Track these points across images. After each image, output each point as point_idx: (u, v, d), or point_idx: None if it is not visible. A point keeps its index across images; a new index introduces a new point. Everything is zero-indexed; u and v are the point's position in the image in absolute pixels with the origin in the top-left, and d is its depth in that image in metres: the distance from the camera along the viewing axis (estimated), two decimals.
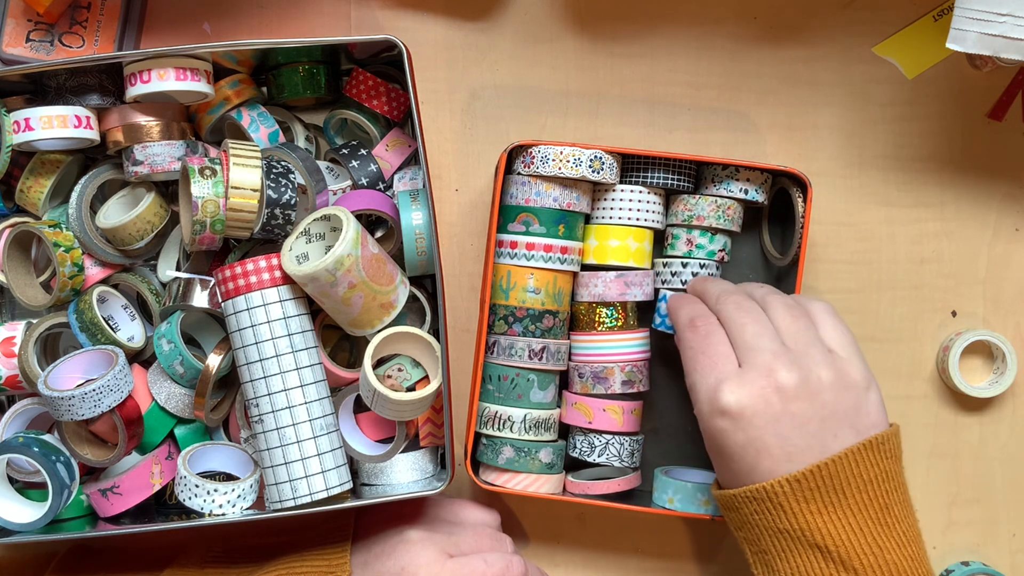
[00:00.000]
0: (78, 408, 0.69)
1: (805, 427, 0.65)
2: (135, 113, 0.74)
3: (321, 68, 0.79)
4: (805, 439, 0.65)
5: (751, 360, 0.67)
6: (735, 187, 0.78)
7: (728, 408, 0.66)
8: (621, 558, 0.85)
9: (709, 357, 0.68)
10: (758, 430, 0.65)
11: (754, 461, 0.66)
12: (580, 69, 0.84)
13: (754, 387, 0.66)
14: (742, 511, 0.68)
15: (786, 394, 0.65)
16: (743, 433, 0.66)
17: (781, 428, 0.65)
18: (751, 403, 0.65)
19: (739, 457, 0.66)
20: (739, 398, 0.66)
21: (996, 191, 0.85)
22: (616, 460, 0.78)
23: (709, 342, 0.69)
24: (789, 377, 0.65)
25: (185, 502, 0.73)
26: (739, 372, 0.67)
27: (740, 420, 0.66)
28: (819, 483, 0.64)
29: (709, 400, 0.67)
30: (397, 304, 0.73)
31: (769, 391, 0.65)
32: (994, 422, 0.85)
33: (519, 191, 0.77)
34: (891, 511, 0.65)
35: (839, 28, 0.84)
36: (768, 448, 0.65)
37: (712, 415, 0.67)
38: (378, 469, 0.77)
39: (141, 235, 0.75)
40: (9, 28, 0.79)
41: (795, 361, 0.66)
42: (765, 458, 0.65)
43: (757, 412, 0.65)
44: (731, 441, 0.66)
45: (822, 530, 0.65)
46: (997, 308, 0.85)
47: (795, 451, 0.65)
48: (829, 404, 0.66)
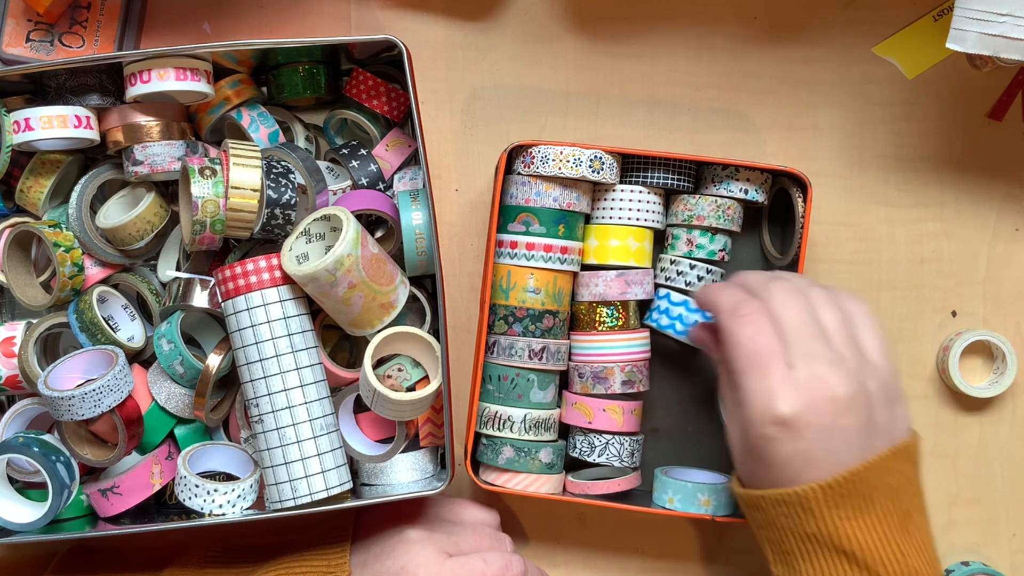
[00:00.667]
0: (78, 408, 0.69)
1: (851, 442, 0.65)
2: (135, 113, 0.74)
3: (321, 68, 0.79)
4: (849, 453, 0.64)
5: (805, 365, 0.65)
6: (735, 187, 0.78)
7: (783, 418, 0.64)
8: (621, 558, 0.85)
9: (761, 357, 0.66)
10: (808, 442, 0.64)
11: (798, 472, 0.65)
12: (580, 69, 0.84)
13: (809, 397, 0.64)
14: (768, 512, 0.67)
15: (839, 406, 0.64)
16: (792, 444, 0.65)
17: (831, 442, 0.64)
18: (805, 414, 0.64)
19: (782, 465, 0.65)
20: (795, 409, 0.64)
21: (996, 191, 0.85)
22: (616, 460, 0.78)
23: (759, 340, 0.66)
24: (844, 389, 0.64)
25: (185, 502, 0.73)
26: (794, 379, 0.65)
27: (792, 431, 0.64)
28: (851, 489, 0.64)
29: (763, 407, 0.65)
30: (397, 304, 0.73)
31: (824, 403, 0.64)
32: (994, 422, 0.85)
33: (519, 191, 0.77)
34: (912, 518, 0.66)
35: (839, 28, 0.84)
36: (816, 461, 0.64)
37: (763, 423, 0.65)
38: (378, 469, 0.77)
39: (141, 235, 0.75)
40: (9, 28, 0.79)
41: (849, 371, 0.65)
42: (811, 469, 0.64)
43: (810, 424, 0.64)
44: (778, 450, 0.65)
45: (849, 536, 0.64)
46: (997, 308, 0.85)
47: (839, 465, 0.64)
48: (873, 417, 0.66)
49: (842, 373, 0.65)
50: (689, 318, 0.78)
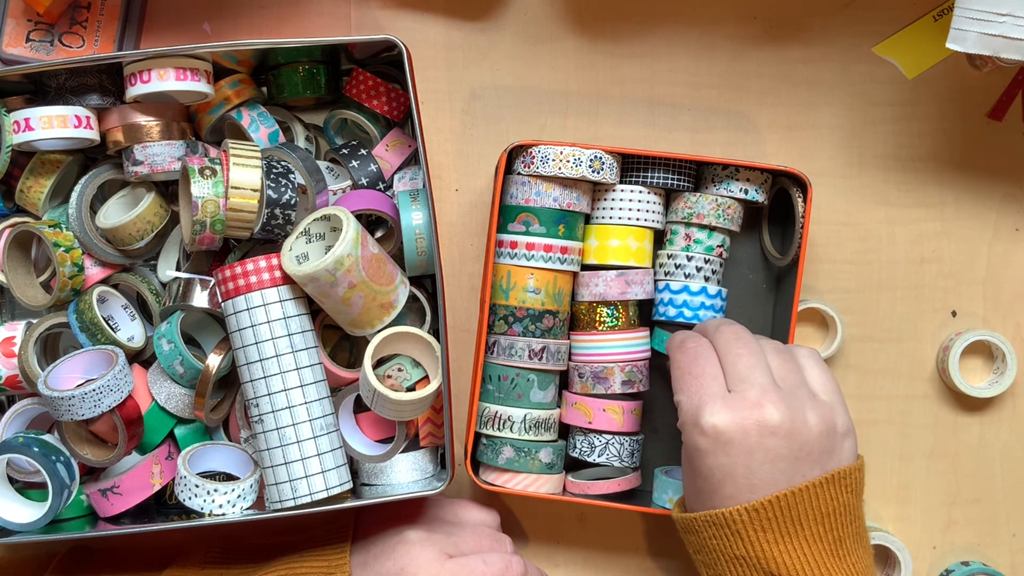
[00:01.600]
0: (78, 408, 0.69)
1: (776, 464, 0.66)
2: (135, 113, 0.74)
3: (321, 68, 0.79)
4: (772, 475, 0.66)
5: (742, 390, 0.67)
6: (735, 187, 0.78)
7: (707, 428, 0.66)
8: (621, 558, 0.85)
9: (696, 377, 0.69)
10: (729, 457, 0.66)
11: (718, 485, 0.66)
12: (580, 69, 0.84)
13: (737, 415, 0.66)
14: (701, 535, 0.68)
15: (766, 429, 0.66)
16: (713, 457, 0.66)
17: (752, 460, 0.66)
18: (729, 430, 0.66)
19: (705, 477, 0.67)
20: (719, 421, 0.66)
21: (996, 191, 0.85)
22: (616, 460, 0.78)
23: (698, 363, 0.70)
24: (775, 414, 0.66)
25: (185, 502, 0.73)
26: (726, 396, 0.67)
27: (716, 443, 0.66)
28: (778, 513, 0.65)
29: (692, 416, 0.67)
30: (397, 304, 0.73)
31: (751, 423, 0.66)
32: (994, 422, 0.85)
33: (519, 191, 0.77)
34: (844, 544, 0.66)
35: (839, 28, 0.84)
36: (734, 476, 0.66)
37: (692, 431, 0.67)
38: (378, 469, 0.77)
39: (141, 235, 0.75)
40: (9, 28, 0.79)
41: (784, 400, 0.67)
42: (729, 484, 0.66)
43: (733, 440, 0.66)
44: (703, 462, 0.67)
45: (777, 559, 0.65)
46: (997, 308, 0.85)
47: (760, 483, 0.66)
48: (806, 446, 0.66)
49: (776, 399, 0.66)
50: (694, 301, 0.78)
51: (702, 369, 0.69)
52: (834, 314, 0.82)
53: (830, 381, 0.71)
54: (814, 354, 0.72)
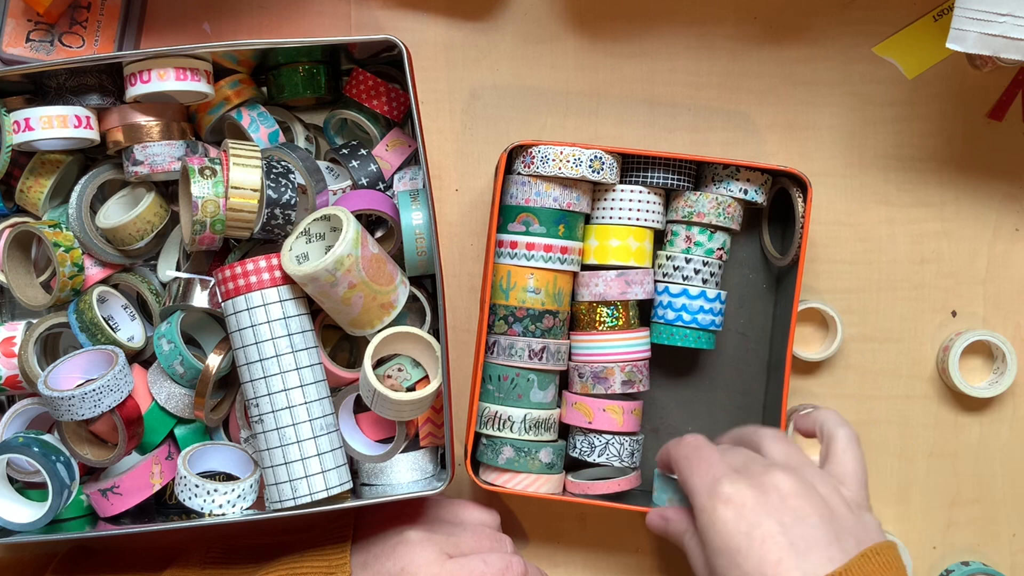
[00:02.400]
0: (78, 408, 0.69)
1: (808, 520, 0.64)
2: (135, 113, 0.74)
3: (321, 68, 0.79)
4: (808, 531, 0.63)
5: (749, 465, 0.68)
6: (735, 187, 0.78)
7: (730, 496, 0.65)
8: (621, 558, 0.85)
9: (704, 460, 0.69)
10: (759, 516, 0.64)
11: (760, 552, 0.63)
12: (580, 69, 0.84)
13: (752, 481, 0.66)
14: None
15: (782, 492, 0.65)
16: (745, 522, 0.64)
17: (784, 518, 0.64)
18: (751, 493, 0.65)
19: (745, 549, 0.64)
20: (739, 488, 0.65)
21: (996, 191, 0.85)
22: (616, 460, 0.78)
23: (702, 450, 0.70)
24: (785, 478, 0.66)
25: (185, 502, 0.73)
26: (737, 471, 0.68)
27: (742, 508, 0.65)
28: None
29: (708, 493, 0.66)
30: (397, 304, 0.73)
31: (768, 487, 0.65)
32: (994, 422, 0.85)
33: (519, 191, 0.77)
34: None
35: (839, 28, 0.84)
36: (771, 535, 0.63)
37: (715, 506, 0.65)
38: (378, 469, 0.77)
39: (141, 235, 0.75)
40: (9, 28, 0.79)
41: (789, 471, 0.67)
42: (772, 547, 0.63)
43: (758, 501, 0.65)
44: (734, 530, 0.64)
45: None
46: (997, 308, 0.85)
47: (799, 543, 0.63)
48: (829, 507, 0.65)
49: (782, 470, 0.67)
50: (693, 305, 0.78)
51: (708, 454, 0.70)
52: (834, 314, 0.82)
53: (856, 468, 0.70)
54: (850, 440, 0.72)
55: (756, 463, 0.68)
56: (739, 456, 0.70)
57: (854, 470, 0.70)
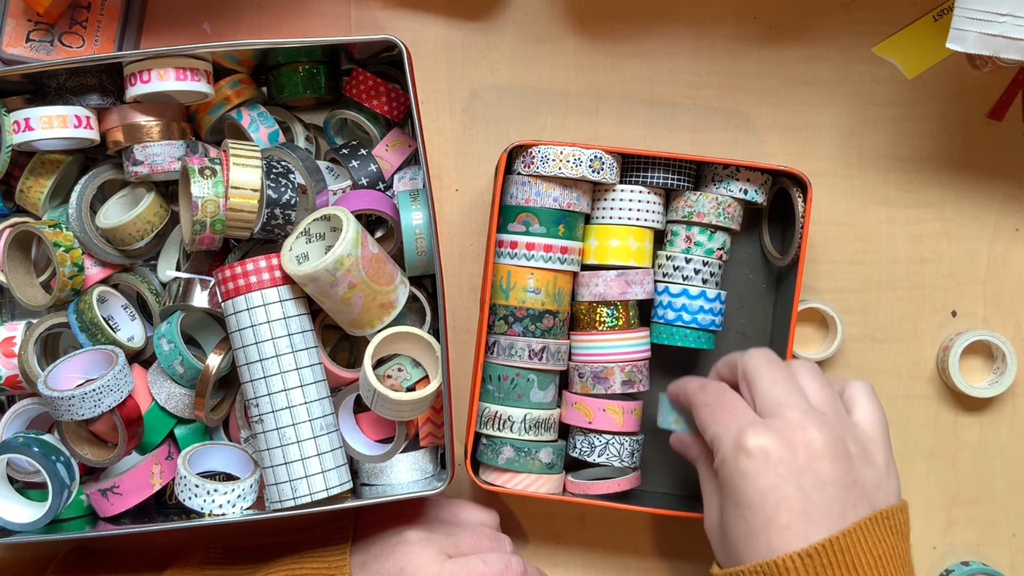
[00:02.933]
0: (78, 408, 0.69)
1: (827, 489, 0.62)
2: (135, 113, 0.74)
3: (321, 68, 0.79)
4: (825, 500, 0.62)
5: (780, 414, 0.64)
6: (735, 187, 0.78)
7: (753, 449, 0.63)
8: (621, 558, 0.85)
9: (727, 410, 0.66)
10: (780, 478, 0.62)
11: (772, 512, 0.62)
12: (580, 69, 0.84)
13: (782, 435, 0.63)
14: None
15: (813, 451, 0.62)
16: (764, 479, 0.62)
17: (804, 482, 0.62)
18: (777, 448, 0.62)
19: (756, 507, 0.63)
20: (766, 442, 0.63)
21: (996, 191, 0.85)
22: (616, 460, 0.78)
23: (726, 397, 0.67)
24: (819, 436, 0.63)
25: (185, 502, 0.73)
26: (765, 421, 0.64)
27: (765, 464, 0.62)
28: (831, 559, 0.61)
29: (733, 442, 0.64)
30: (397, 304, 0.73)
31: (797, 443, 0.63)
32: (994, 422, 0.85)
33: (519, 191, 0.77)
34: None
35: (839, 28, 0.84)
36: (788, 500, 0.62)
37: (736, 456, 0.64)
38: (378, 469, 0.77)
39: (141, 235, 0.75)
40: (9, 28, 0.79)
41: (826, 423, 0.64)
42: (783, 511, 0.62)
43: (783, 459, 0.62)
44: (752, 486, 0.63)
45: None
46: (997, 308, 0.85)
47: (813, 510, 0.62)
48: (852, 474, 0.63)
49: (819, 421, 0.64)
50: (693, 305, 0.78)
51: (732, 403, 0.67)
52: (834, 314, 0.82)
53: (878, 418, 0.68)
54: (865, 387, 0.69)
55: (792, 408, 0.64)
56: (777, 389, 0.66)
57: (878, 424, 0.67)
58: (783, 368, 0.68)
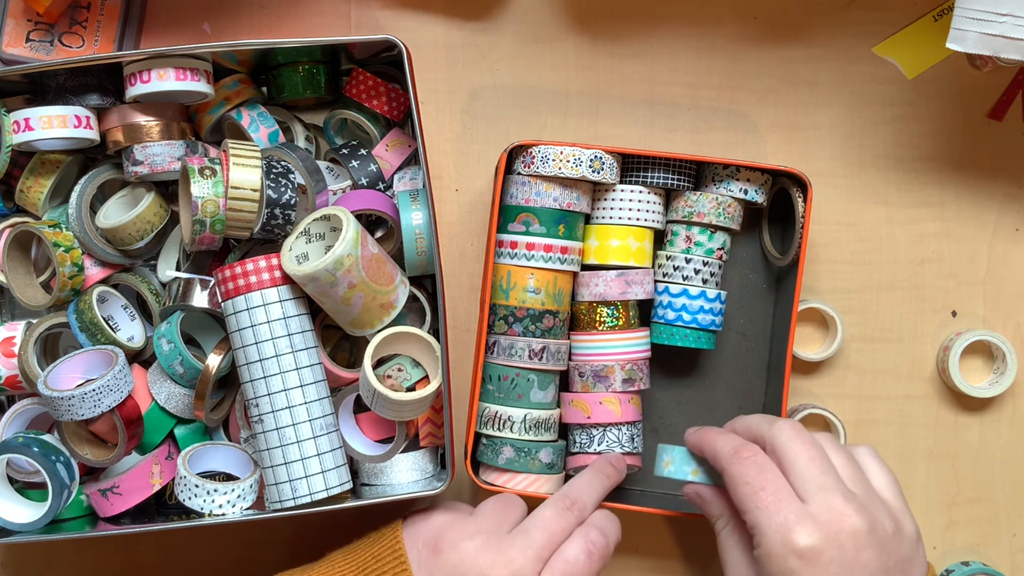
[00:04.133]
0: (78, 408, 0.69)
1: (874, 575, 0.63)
2: (135, 113, 0.74)
3: (321, 68, 0.79)
4: None
5: (821, 499, 0.64)
6: (735, 187, 0.78)
7: (804, 550, 0.63)
8: (621, 558, 0.85)
9: (771, 493, 0.65)
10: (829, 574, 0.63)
11: None
12: (580, 69, 0.84)
13: (829, 529, 0.63)
14: None
15: (859, 541, 0.63)
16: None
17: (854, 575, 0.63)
18: (827, 547, 0.63)
19: None
20: (816, 541, 0.63)
21: (996, 191, 0.85)
22: (616, 446, 0.78)
23: (766, 476, 0.66)
24: (861, 523, 0.63)
25: (185, 502, 0.73)
26: (811, 512, 0.64)
27: (816, 564, 0.63)
28: None
29: (782, 540, 0.63)
30: (397, 304, 0.73)
31: (844, 536, 0.63)
32: (994, 422, 0.85)
33: (519, 191, 0.77)
34: None
35: (839, 28, 0.84)
36: None
37: (785, 556, 0.63)
38: (378, 469, 0.77)
39: (141, 235, 0.75)
40: (9, 28, 0.79)
41: (864, 507, 0.64)
42: None
43: (833, 558, 0.63)
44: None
45: None
46: (997, 308, 0.85)
47: None
48: (893, 555, 0.64)
49: (858, 507, 0.64)
50: (693, 305, 0.78)
51: (774, 484, 0.66)
52: (834, 314, 0.82)
53: (893, 483, 0.69)
54: (872, 452, 0.70)
55: (833, 493, 0.64)
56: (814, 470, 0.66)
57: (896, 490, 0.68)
58: (814, 444, 0.67)
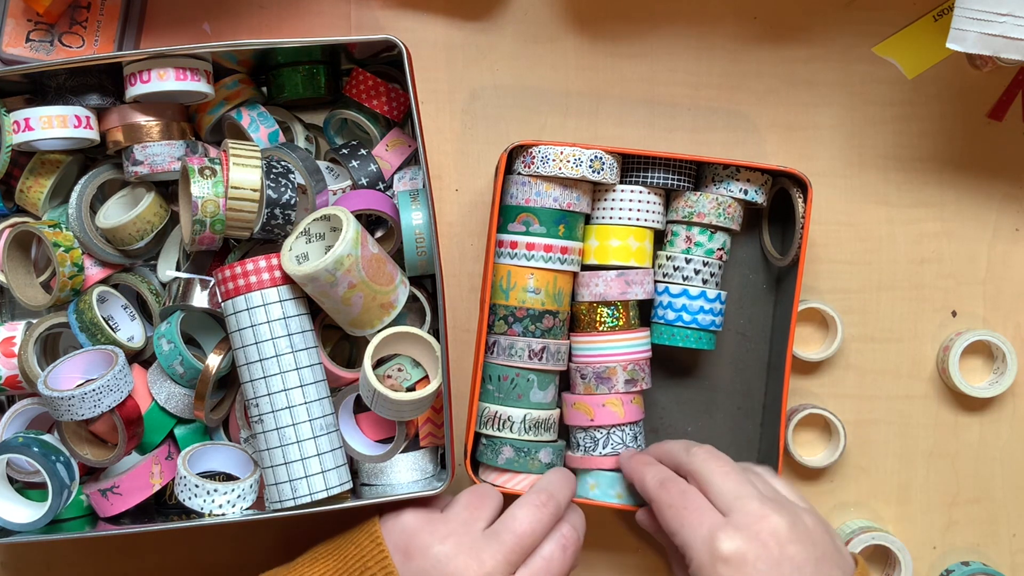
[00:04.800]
0: (78, 408, 0.69)
1: (803, 569, 0.65)
2: (135, 113, 0.74)
3: (321, 68, 0.79)
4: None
5: (740, 507, 0.67)
6: (735, 187, 0.78)
7: (730, 556, 0.65)
8: (621, 558, 0.85)
9: (693, 511, 0.68)
10: (761, 575, 0.65)
11: None
12: (580, 69, 0.84)
13: (750, 531, 0.65)
14: None
15: (781, 537, 0.65)
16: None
17: (783, 571, 0.64)
18: (752, 548, 0.65)
19: None
20: (739, 544, 0.65)
21: (996, 191, 0.85)
22: (622, 447, 0.78)
23: (688, 498, 0.69)
24: (781, 521, 0.66)
25: (185, 502, 0.73)
26: (732, 521, 0.67)
27: (743, 566, 0.65)
28: None
29: (708, 551, 0.66)
30: (397, 304, 0.73)
31: (766, 535, 0.65)
32: (994, 422, 0.85)
33: (519, 191, 0.77)
34: None
35: (839, 28, 0.84)
36: None
37: (714, 565, 0.65)
38: (378, 469, 0.77)
39: (141, 235, 0.75)
40: (9, 28, 0.79)
41: (781, 506, 0.67)
42: None
43: (759, 556, 0.65)
44: None
45: None
46: (997, 308, 0.85)
47: None
48: (818, 546, 0.66)
49: (775, 506, 0.67)
50: (693, 305, 0.78)
51: (695, 503, 0.69)
52: (834, 314, 0.82)
53: (795, 490, 0.72)
54: (769, 469, 0.74)
55: (749, 499, 0.67)
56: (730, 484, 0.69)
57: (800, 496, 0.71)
58: (728, 462, 0.71)
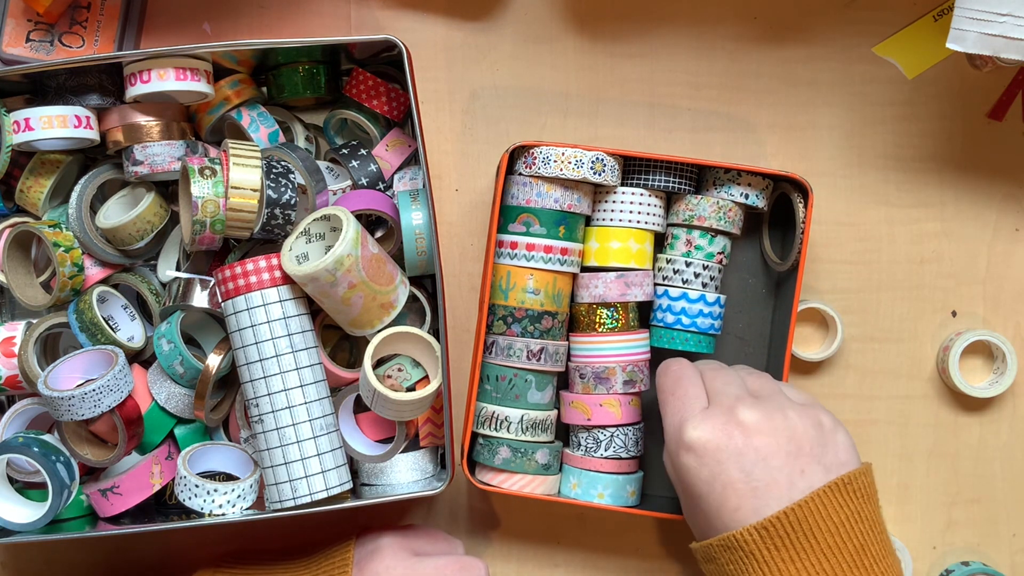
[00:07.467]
0: (78, 408, 0.69)
1: (769, 461, 0.65)
2: (135, 113, 0.74)
3: (321, 68, 0.79)
4: (770, 473, 0.64)
5: (718, 400, 0.68)
6: (736, 191, 0.78)
7: (692, 443, 0.66)
8: (621, 558, 0.85)
9: (679, 399, 0.70)
10: (721, 464, 0.65)
11: (720, 498, 0.65)
12: (580, 69, 0.84)
13: (716, 422, 0.66)
14: (718, 561, 0.66)
15: (747, 429, 0.65)
16: (707, 469, 0.66)
17: (744, 462, 0.65)
18: (713, 437, 0.66)
19: (706, 495, 0.66)
20: (701, 433, 0.66)
21: (996, 191, 0.85)
22: (623, 451, 0.78)
23: (680, 384, 0.71)
24: (750, 415, 0.66)
25: (185, 502, 0.73)
26: (704, 410, 0.68)
27: (704, 455, 0.66)
28: (788, 530, 0.63)
29: (675, 438, 0.68)
30: (397, 304, 0.73)
31: (731, 426, 0.66)
32: (994, 422, 0.85)
33: (520, 192, 0.77)
34: (867, 551, 0.63)
35: (839, 28, 0.84)
36: (732, 483, 0.65)
37: (678, 452, 0.67)
38: (378, 469, 0.77)
39: (141, 235, 0.75)
40: (9, 28, 0.79)
41: (759, 403, 0.67)
42: (731, 494, 0.65)
43: (720, 447, 0.65)
44: (696, 478, 0.66)
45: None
46: (997, 308, 0.85)
47: (760, 486, 0.64)
48: (795, 439, 0.66)
49: (750, 402, 0.67)
50: (692, 309, 0.78)
51: (684, 390, 0.70)
52: (834, 314, 0.82)
53: (802, 393, 0.71)
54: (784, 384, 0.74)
55: (726, 395, 0.68)
56: (718, 382, 0.70)
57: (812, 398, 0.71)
58: (726, 368, 0.72)
